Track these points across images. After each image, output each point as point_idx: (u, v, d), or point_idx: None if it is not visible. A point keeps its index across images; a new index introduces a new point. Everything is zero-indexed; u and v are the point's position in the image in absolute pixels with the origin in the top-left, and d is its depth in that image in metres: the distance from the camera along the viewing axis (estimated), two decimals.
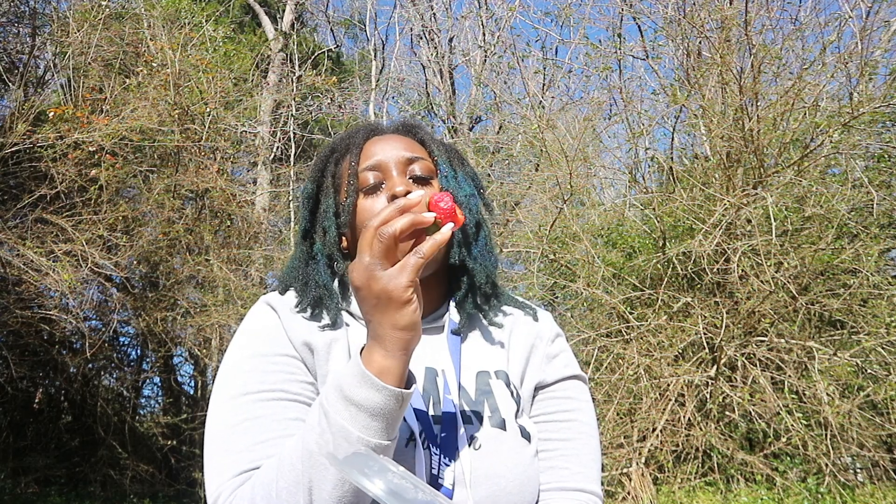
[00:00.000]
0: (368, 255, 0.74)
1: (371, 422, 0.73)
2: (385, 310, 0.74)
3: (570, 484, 0.93)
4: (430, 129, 1.10)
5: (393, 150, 0.99)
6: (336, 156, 1.04)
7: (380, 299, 0.73)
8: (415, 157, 0.99)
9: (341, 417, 0.73)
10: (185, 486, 8.02)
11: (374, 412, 0.73)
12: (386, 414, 0.73)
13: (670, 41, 7.78)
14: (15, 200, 6.85)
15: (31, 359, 7.54)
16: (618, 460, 5.32)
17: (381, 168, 0.97)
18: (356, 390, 0.73)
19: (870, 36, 6.19)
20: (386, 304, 0.73)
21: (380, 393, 0.73)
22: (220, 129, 8.68)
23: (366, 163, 0.98)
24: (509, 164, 11.20)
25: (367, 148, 1.00)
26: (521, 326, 1.03)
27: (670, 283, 6.04)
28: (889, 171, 6.09)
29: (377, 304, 0.74)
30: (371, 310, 0.75)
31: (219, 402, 0.87)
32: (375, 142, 1.01)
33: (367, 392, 0.73)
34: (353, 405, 0.73)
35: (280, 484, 0.74)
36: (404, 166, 0.98)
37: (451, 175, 1.01)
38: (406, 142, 1.02)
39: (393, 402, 0.73)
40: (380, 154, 0.98)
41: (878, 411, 5.28)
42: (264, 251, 8.71)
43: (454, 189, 0.99)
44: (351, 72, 13.86)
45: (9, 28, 7.82)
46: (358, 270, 0.75)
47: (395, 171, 0.97)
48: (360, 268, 0.75)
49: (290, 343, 0.92)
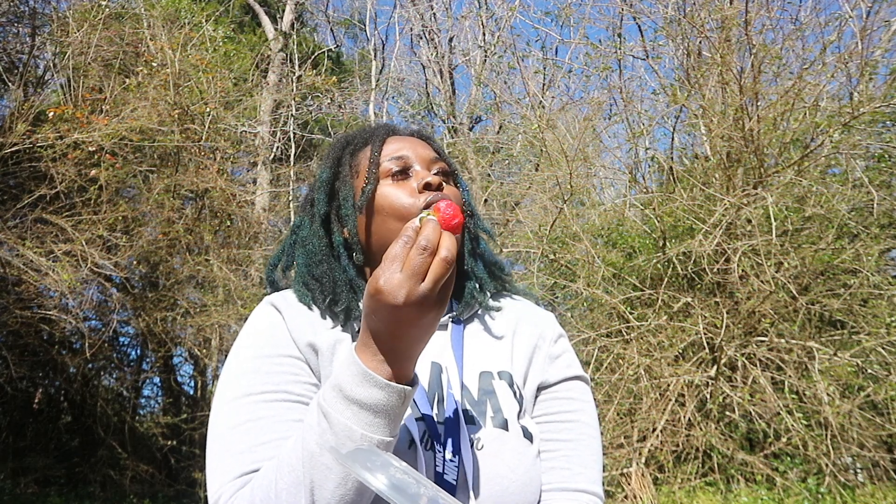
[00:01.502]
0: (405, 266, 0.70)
1: (374, 419, 0.73)
2: (419, 322, 0.71)
3: (572, 485, 0.93)
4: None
5: (417, 148, 1.02)
6: (351, 148, 1.05)
7: (420, 315, 0.70)
8: (438, 158, 1.03)
9: (344, 417, 0.73)
10: (185, 487, 8.02)
11: (376, 409, 0.73)
12: (388, 410, 0.73)
13: (670, 41, 7.79)
14: (15, 200, 6.85)
15: (30, 359, 7.54)
16: (618, 460, 5.32)
17: (408, 160, 1.00)
18: (359, 389, 0.73)
19: (870, 36, 6.20)
20: (426, 318, 0.71)
21: (383, 390, 0.72)
22: (220, 129, 8.68)
23: (391, 154, 1.00)
24: (509, 164, 11.21)
25: (389, 142, 1.03)
26: (523, 327, 1.03)
27: (670, 283, 6.04)
28: (889, 171, 6.09)
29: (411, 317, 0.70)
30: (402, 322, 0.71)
31: (221, 403, 0.87)
32: (398, 139, 1.04)
33: (370, 390, 0.73)
34: (355, 403, 0.73)
35: (280, 486, 0.74)
36: (429, 164, 1.01)
37: (466, 186, 1.07)
38: (425, 145, 1.05)
39: (395, 399, 0.73)
40: (405, 149, 1.01)
41: (879, 411, 5.28)
42: (264, 251, 8.70)
43: (471, 199, 1.05)
44: (351, 72, 13.86)
45: (9, 28, 7.82)
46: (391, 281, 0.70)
47: (420, 165, 0.99)
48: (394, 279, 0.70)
49: (294, 344, 0.92)
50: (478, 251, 1.06)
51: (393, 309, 0.70)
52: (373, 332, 0.74)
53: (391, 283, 0.70)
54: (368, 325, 0.74)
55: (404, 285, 0.69)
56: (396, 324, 0.71)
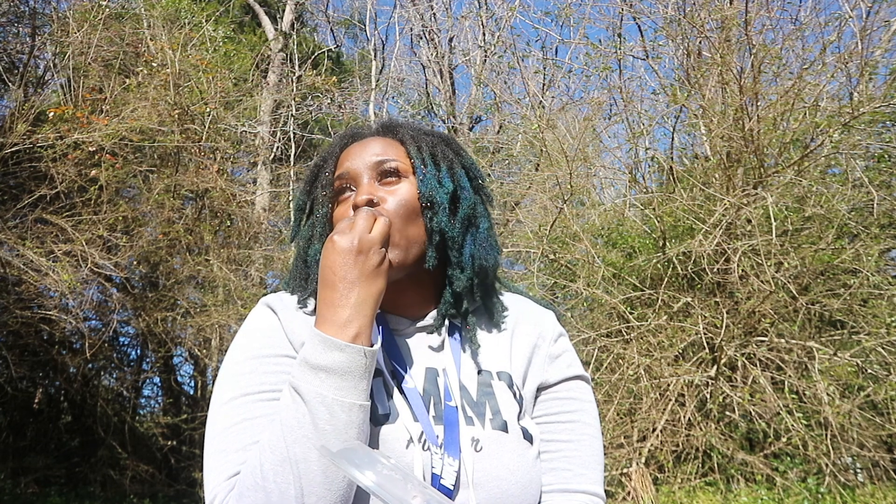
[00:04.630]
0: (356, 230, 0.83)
1: (341, 381, 0.77)
2: (374, 278, 0.82)
3: (573, 485, 0.92)
4: (416, 125, 1.07)
5: (365, 155, 0.97)
6: (328, 164, 1.04)
7: (374, 265, 0.82)
8: (385, 160, 0.96)
9: (313, 385, 0.76)
10: (185, 487, 8.02)
11: (342, 371, 0.77)
12: (353, 371, 0.78)
13: (670, 41, 7.78)
14: (15, 200, 6.84)
15: (30, 359, 7.54)
16: (618, 460, 5.32)
17: (351, 176, 0.97)
18: (321, 355, 0.78)
19: (870, 36, 6.20)
20: (378, 272, 0.83)
21: (343, 352, 0.78)
22: (220, 129, 8.68)
23: (338, 171, 0.99)
24: (509, 164, 11.20)
25: (342, 156, 1.01)
26: (523, 326, 1.02)
27: (670, 283, 6.04)
28: (889, 171, 6.09)
29: (365, 270, 0.82)
30: (361, 280, 0.82)
31: (217, 404, 0.87)
32: (352, 148, 1.00)
33: (331, 354, 0.78)
34: (322, 370, 0.77)
35: (266, 466, 0.75)
36: (374, 170, 0.96)
37: (432, 174, 0.96)
38: (382, 143, 0.99)
39: (358, 359, 0.78)
40: (349, 161, 0.98)
41: (879, 411, 5.28)
42: (264, 251, 8.71)
43: (432, 190, 0.95)
44: (351, 72, 13.86)
45: (9, 28, 7.82)
46: (349, 240, 0.83)
47: (367, 176, 0.95)
48: (357, 239, 0.82)
49: (290, 344, 0.92)
50: (456, 244, 0.95)
51: (329, 259, 0.82)
52: (325, 300, 0.82)
53: (327, 243, 0.83)
54: (320, 297, 0.82)
55: (331, 238, 0.83)
56: (332, 275, 0.81)
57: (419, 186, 0.95)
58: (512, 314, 1.04)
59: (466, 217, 0.98)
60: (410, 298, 0.98)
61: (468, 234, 0.98)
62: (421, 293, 0.98)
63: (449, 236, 0.95)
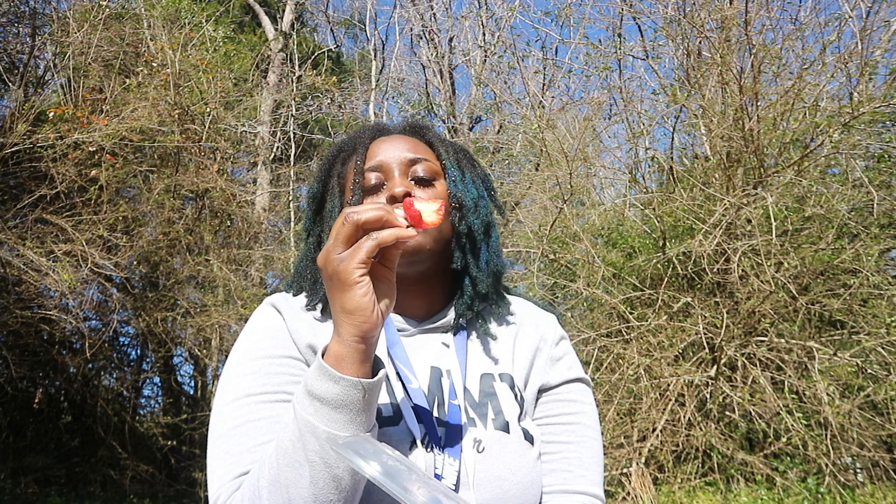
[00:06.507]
0: (333, 237, 0.73)
1: (335, 414, 0.72)
2: (336, 291, 0.72)
3: (573, 487, 0.93)
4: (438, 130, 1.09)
5: (396, 151, 0.98)
6: (343, 156, 1.04)
7: (332, 280, 0.72)
8: (418, 159, 0.98)
9: (307, 413, 0.73)
10: (185, 487, 8.02)
11: (335, 404, 0.72)
12: (348, 405, 0.72)
13: (670, 41, 7.78)
14: (15, 200, 6.84)
15: (31, 359, 7.54)
16: (618, 460, 5.32)
17: (384, 169, 0.97)
18: (316, 383, 0.73)
19: (870, 36, 6.20)
20: (337, 285, 0.71)
21: (337, 384, 0.72)
22: (220, 129, 8.68)
23: (370, 163, 0.98)
24: (509, 164, 11.21)
25: (372, 148, 1.00)
26: (525, 329, 1.03)
27: (670, 283, 6.04)
28: (889, 171, 6.08)
29: (330, 286, 0.73)
30: (329, 293, 0.74)
31: (221, 404, 0.87)
32: (381, 142, 1.01)
33: (325, 384, 0.72)
34: (317, 399, 0.72)
35: (261, 483, 0.75)
36: (406, 167, 0.97)
37: (459, 178, 1.00)
38: (411, 142, 1.01)
39: (353, 392, 0.72)
40: (383, 154, 0.98)
41: (878, 411, 5.28)
42: (264, 251, 8.72)
43: (461, 192, 0.98)
44: (351, 72, 13.87)
45: (9, 28, 7.82)
46: (321, 252, 0.74)
47: (398, 171, 0.97)
48: (323, 249, 0.74)
49: (294, 345, 0.92)
50: (476, 248, 0.99)
51: (322, 273, 0.73)
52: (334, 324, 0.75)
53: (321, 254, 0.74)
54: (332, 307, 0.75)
55: (326, 250, 0.73)
56: (330, 291, 0.73)
57: (450, 187, 0.98)
58: (515, 317, 1.05)
59: (485, 223, 1.00)
60: (418, 300, 0.99)
61: (486, 240, 1.01)
62: (428, 295, 1.00)
63: (476, 238, 0.98)
